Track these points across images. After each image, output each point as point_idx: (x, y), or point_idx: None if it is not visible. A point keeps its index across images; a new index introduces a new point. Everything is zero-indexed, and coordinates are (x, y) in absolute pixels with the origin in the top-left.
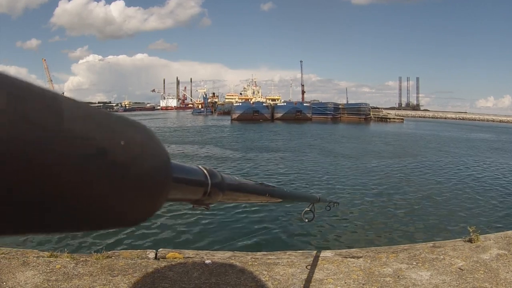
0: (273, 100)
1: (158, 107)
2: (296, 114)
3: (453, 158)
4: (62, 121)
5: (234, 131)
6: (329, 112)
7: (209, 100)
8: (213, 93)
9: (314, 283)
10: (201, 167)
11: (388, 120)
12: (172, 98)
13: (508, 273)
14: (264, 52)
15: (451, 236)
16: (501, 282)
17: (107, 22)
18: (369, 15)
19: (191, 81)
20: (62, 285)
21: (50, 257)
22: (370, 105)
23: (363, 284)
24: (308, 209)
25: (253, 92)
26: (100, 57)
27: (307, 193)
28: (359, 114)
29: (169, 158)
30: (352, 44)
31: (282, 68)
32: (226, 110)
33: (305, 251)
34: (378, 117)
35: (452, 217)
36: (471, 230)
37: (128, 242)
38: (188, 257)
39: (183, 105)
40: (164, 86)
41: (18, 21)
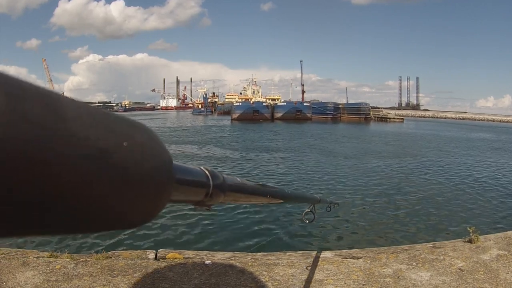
0: (273, 100)
1: (158, 107)
2: (296, 114)
3: (453, 158)
4: (63, 122)
5: (234, 131)
6: (329, 112)
7: (209, 100)
8: (213, 93)
9: (314, 284)
10: (203, 168)
11: (388, 120)
12: (172, 98)
13: (508, 274)
14: (264, 52)
15: (452, 237)
16: (501, 283)
17: (107, 22)
18: (369, 15)
19: (191, 81)
20: (62, 286)
21: (50, 258)
22: (370, 105)
23: (363, 285)
24: (309, 210)
25: (253, 92)
26: (100, 57)
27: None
28: (359, 114)
29: (171, 159)
30: (352, 44)
31: (282, 68)
32: (226, 110)
33: (305, 252)
34: (378, 117)
35: (453, 218)
36: (471, 231)
37: (128, 243)
38: (188, 258)
39: (183, 105)
40: (164, 86)
41: (18, 21)
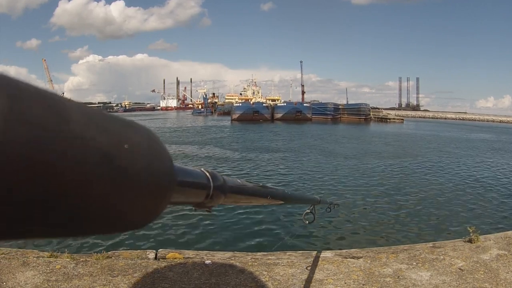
0: (273, 101)
1: (158, 107)
2: (296, 115)
3: (454, 159)
4: (64, 124)
5: (234, 132)
6: (329, 113)
7: (209, 101)
8: (213, 94)
9: (314, 284)
10: (203, 170)
11: (388, 121)
12: (172, 99)
13: (508, 274)
14: (264, 52)
15: (452, 237)
16: (501, 283)
17: (107, 22)
18: (369, 15)
19: (191, 81)
20: (62, 286)
21: (50, 257)
22: (370, 106)
23: (363, 285)
24: (309, 211)
25: (253, 93)
26: (100, 57)
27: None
28: (359, 115)
29: (172, 161)
30: (352, 44)
31: (282, 68)
32: (226, 111)
33: (305, 252)
34: (378, 118)
35: (453, 218)
36: (471, 231)
37: (128, 243)
38: (188, 258)
39: (183, 106)
40: (164, 86)
41: (18, 21)
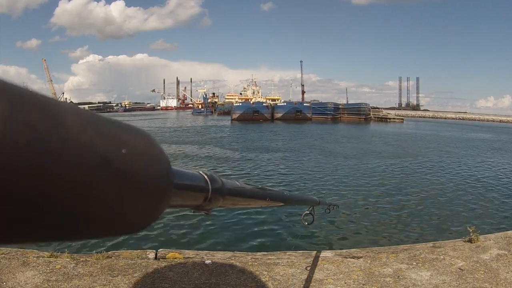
0: (273, 100)
1: (158, 107)
2: (296, 114)
3: (454, 158)
4: (62, 128)
5: (234, 131)
6: (329, 112)
7: (209, 100)
8: (213, 93)
9: (314, 283)
10: (202, 172)
11: (388, 120)
12: (172, 98)
13: (508, 273)
14: (264, 52)
15: (453, 237)
16: (501, 282)
17: (107, 22)
18: (369, 15)
19: (191, 81)
20: (62, 285)
21: (50, 257)
22: (370, 105)
23: (363, 284)
24: (308, 212)
25: (253, 92)
26: (100, 57)
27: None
28: (359, 114)
29: (170, 164)
30: (352, 44)
31: (282, 68)
32: (226, 110)
33: (305, 251)
34: (378, 117)
35: (454, 217)
36: (471, 230)
37: (128, 243)
38: (188, 257)
39: (183, 105)
40: (164, 86)
41: (18, 21)
